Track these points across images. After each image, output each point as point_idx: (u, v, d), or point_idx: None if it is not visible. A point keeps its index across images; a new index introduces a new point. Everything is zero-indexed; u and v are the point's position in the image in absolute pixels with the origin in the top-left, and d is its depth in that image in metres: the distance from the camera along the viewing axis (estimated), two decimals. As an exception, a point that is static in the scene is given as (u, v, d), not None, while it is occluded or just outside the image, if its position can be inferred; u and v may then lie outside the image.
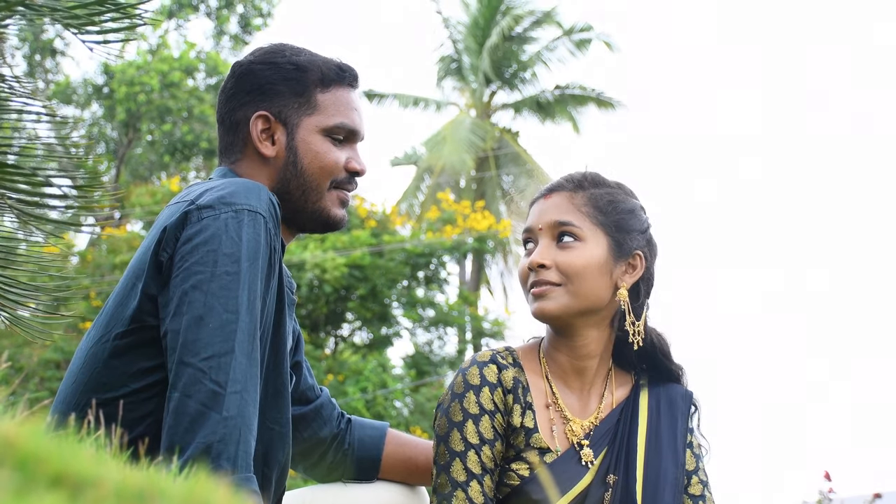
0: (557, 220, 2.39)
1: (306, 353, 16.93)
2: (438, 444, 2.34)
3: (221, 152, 2.31)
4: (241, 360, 1.94)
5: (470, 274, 22.91)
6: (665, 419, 2.42)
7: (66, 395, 2.09)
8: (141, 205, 18.24)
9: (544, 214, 2.41)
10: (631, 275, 2.41)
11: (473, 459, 2.30)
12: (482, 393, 2.33)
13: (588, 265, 2.36)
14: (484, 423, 2.32)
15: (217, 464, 1.87)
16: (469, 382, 2.35)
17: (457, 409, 2.33)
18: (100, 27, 2.68)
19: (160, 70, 19.62)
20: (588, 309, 2.37)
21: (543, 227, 2.40)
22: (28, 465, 0.92)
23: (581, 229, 2.38)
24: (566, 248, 2.37)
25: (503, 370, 2.37)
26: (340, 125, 2.27)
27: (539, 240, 2.40)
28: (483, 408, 2.33)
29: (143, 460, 1.62)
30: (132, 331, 2.04)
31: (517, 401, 2.35)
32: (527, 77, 24.73)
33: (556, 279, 2.36)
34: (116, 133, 21.12)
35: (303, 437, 2.47)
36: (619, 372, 2.49)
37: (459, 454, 2.31)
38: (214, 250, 1.98)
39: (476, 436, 2.31)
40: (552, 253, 2.37)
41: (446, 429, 2.33)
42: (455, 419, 2.33)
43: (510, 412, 2.35)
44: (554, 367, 2.43)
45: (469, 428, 2.32)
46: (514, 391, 2.36)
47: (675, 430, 2.41)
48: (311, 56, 2.30)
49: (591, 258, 2.37)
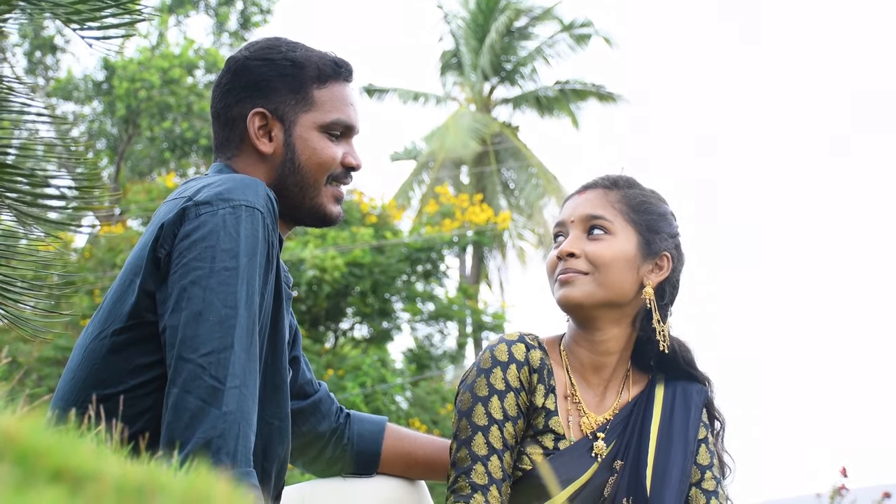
0: (590, 213, 2.44)
1: (306, 348, 16.93)
2: (461, 418, 2.37)
3: (217, 148, 2.31)
4: (240, 355, 1.95)
5: (470, 268, 22.90)
6: (679, 410, 2.45)
7: (64, 392, 2.09)
8: (137, 202, 18.24)
9: (577, 208, 2.46)
10: (657, 274, 2.45)
11: (496, 435, 2.33)
12: (509, 370, 2.37)
13: (616, 257, 2.40)
14: (509, 400, 2.35)
15: (217, 459, 1.88)
16: (497, 359, 2.38)
17: (482, 384, 2.36)
18: (100, 23, 2.69)
19: (160, 66, 19.60)
20: (611, 301, 2.40)
21: (575, 220, 2.45)
22: (28, 460, 0.93)
23: (612, 223, 2.43)
24: (596, 240, 2.42)
25: (531, 349, 2.40)
26: (337, 121, 2.28)
27: (570, 232, 2.45)
28: (509, 384, 2.36)
29: (143, 455, 1.62)
30: (130, 327, 2.05)
31: (541, 381, 2.39)
32: (527, 72, 24.73)
33: (584, 268, 2.40)
34: (116, 129, 21.11)
35: (301, 432, 2.48)
36: (637, 373, 2.52)
37: (482, 428, 2.33)
38: (212, 246, 1.98)
39: (500, 411, 2.34)
40: (582, 244, 2.42)
41: (469, 404, 2.36)
42: (480, 394, 2.35)
43: (534, 391, 2.38)
44: (574, 361, 2.46)
45: (494, 403, 2.35)
46: (539, 371, 2.39)
47: (687, 421, 2.44)
48: (306, 51, 2.30)
49: (619, 251, 2.41)
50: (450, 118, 23.74)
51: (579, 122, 24.51)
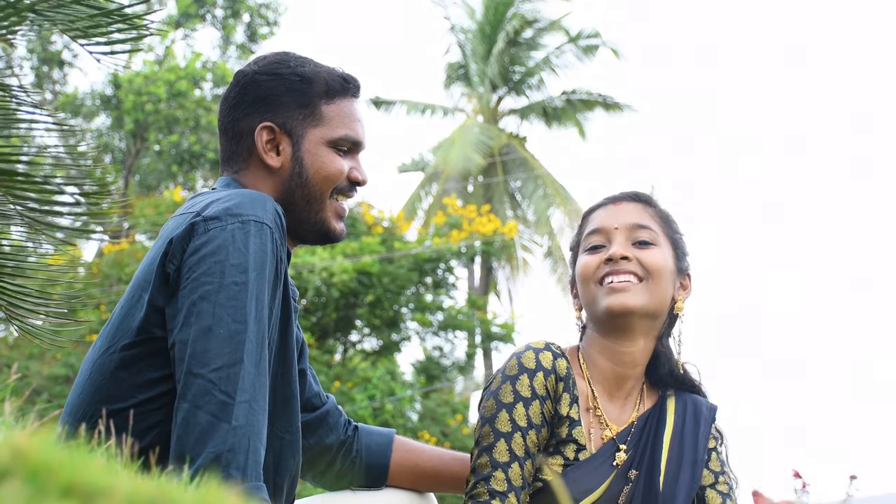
0: (637, 222, 2.45)
1: (315, 360, 16.91)
2: (483, 425, 2.36)
3: (224, 161, 2.32)
4: (250, 369, 1.95)
5: (479, 279, 22.89)
6: (690, 421, 2.46)
7: (74, 407, 2.10)
8: (145, 216, 18.27)
9: (620, 216, 2.46)
10: (684, 292, 2.48)
11: (518, 442, 2.32)
12: (536, 377, 2.35)
13: (665, 266, 2.42)
14: (534, 408, 2.34)
15: (227, 473, 1.88)
16: (524, 366, 2.36)
17: (508, 390, 2.35)
18: (107, 38, 2.69)
19: (167, 80, 19.65)
20: (656, 311, 2.42)
21: (620, 227, 2.44)
22: (39, 476, 0.93)
23: (657, 234, 2.45)
24: (645, 248, 2.43)
25: (557, 358, 2.39)
26: (345, 137, 2.28)
27: (614, 239, 2.43)
28: (535, 392, 2.35)
29: (153, 470, 1.62)
30: (139, 342, 2.05)
31: (566, 390, 2.38)
32: (534, 83, 24.74)
33: (640, 273, 2.40)
34: (124, 143, 21.16)
35: (309, 445, 2.48)
36: (650, 387, 2.53)
37: (505, 435, 2.32)
38: (222, 261, 1.99)
39: (525, 419, 2.34)
40: (630, 250, 2.42)
41: (494, 410, 2.35)
42: (505, 400, 2.34)
43: (559, 400, 2.37)
44: (595, 372, 2.46)
45: (519, 410, 2.34)
46: (565, 380, 2.38)
47: (697, 432, 2.45)
48: (315, 67, 2.31)
49: (666, 261, 2.43)
50: (456, 130, 23.75)
51: (586, 133, 24.52)
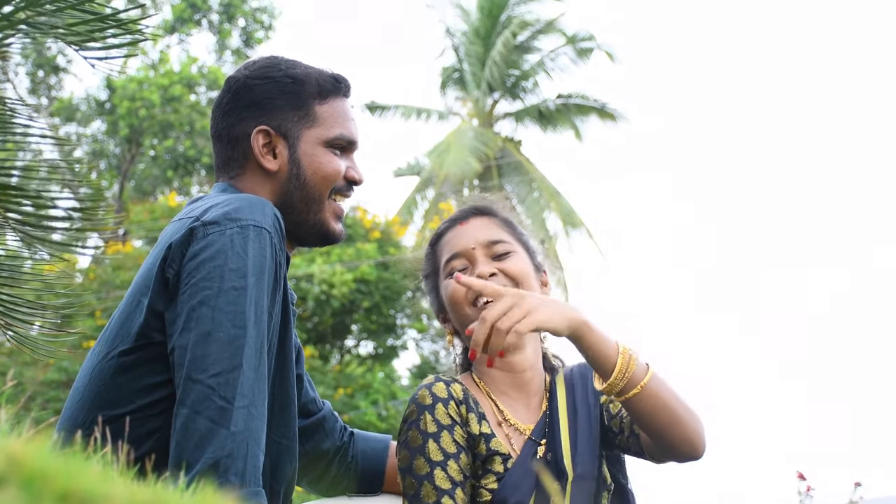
0: (490, 238, 2.48)
1: (314, 367, 16.92)
2: (414, 456, 2.32)
3: (220, 167, 2.32)
4: (249, 374, 1.94)
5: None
6: (578, 385, 2.48)
7: (71, 413, 2.09)
8: (140, 222, 18.26)
9: (473, 234, 2.49)
10: (546, 288, 2.52)
11: (454, 468, 2.31)
12: (449, 405, 2.35)
13: (527, 271, 2.46)
14: (457, 432, 2.34)
15: (225, 479, 1.88)
16: (437, 395, 2.36)
17: (429, 420, 2.33)
18: (102, 43, 2.69)
19: (161, 84, 19.65)
20: None
21: (477, 246, 2.47)
22: (35, 483, 0.92)
23: (510, 243, 2.48)
24: (505, 258, 2.46)
25: (449, 385, 2.39)
26: (341, 136, 2.30)
27: (476, 258, 2.46)
28: (452, 418, 2.34)
29: (150, 477, 1.61)
30: (138, 347, 2.05)
31: (470, 410, 2.37)
32: (529, 86, 24.77)
33: (509, 284, 2.41)
34: (119, 149, 21.16)
35: (305, 450, 2.48)
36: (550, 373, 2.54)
37: (439, 464, 2.30)
38: (221, 266, 1.99)
39: (453, 444, 2.32)
40: (493, 265, 2.44)
41: (420, 441, 2.33)
42: (429, 430, 2.32)
43: (468, 422, 2.36)
44: (493, 385, 2.46)
45: (445, 438, 2.33)
46: (465, 402, 2.38)
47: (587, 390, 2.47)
48: (306, 68, 2.32)
49: (526, 265, 2.47)
50: (451, 134, 23.76)
51: (582, 135, 24.54)
